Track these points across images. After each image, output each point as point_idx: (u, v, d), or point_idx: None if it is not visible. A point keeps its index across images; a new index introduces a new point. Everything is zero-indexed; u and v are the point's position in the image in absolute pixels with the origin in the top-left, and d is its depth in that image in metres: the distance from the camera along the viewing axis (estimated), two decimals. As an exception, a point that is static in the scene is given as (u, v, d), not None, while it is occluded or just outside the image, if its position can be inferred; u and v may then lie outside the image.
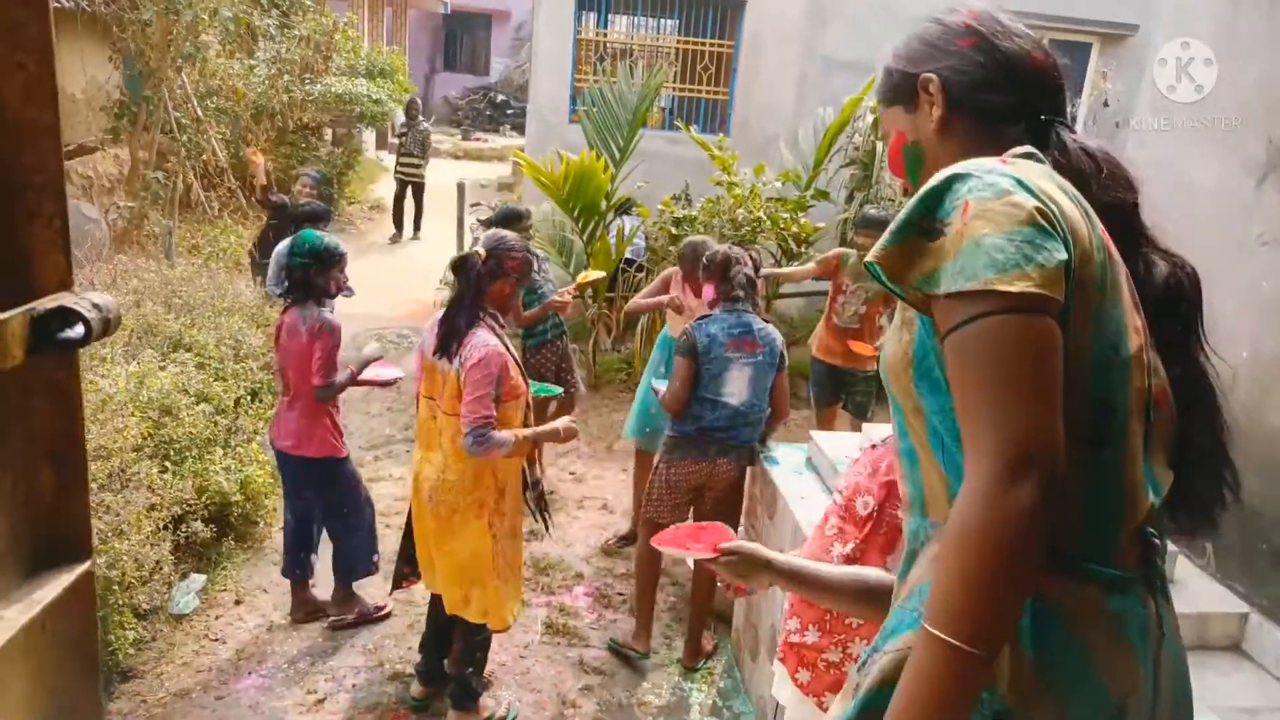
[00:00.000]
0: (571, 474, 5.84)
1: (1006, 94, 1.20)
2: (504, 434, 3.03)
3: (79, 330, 0.69)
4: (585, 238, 6.81)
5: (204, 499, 4.11)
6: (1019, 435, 0.89)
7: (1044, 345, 0.92)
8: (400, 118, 12.74)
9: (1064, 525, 0.95)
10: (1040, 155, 1.13)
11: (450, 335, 3.04)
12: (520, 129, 21.11)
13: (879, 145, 7.08)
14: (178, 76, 9.49)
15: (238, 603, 4.17)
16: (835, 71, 8.96)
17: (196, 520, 4.04)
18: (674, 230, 6.81)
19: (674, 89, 9.46)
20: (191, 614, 3.99)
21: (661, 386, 3.93)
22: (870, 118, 7.12)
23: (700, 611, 3.97)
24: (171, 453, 4.00)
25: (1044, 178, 1.02)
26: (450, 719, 3.46)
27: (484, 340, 3.02)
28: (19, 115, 0.70)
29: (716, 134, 8.50)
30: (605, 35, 9.86)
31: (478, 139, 21.82)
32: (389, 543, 4.44)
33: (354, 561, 4.00)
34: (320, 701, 3.59)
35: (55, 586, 0.75)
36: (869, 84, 7.04)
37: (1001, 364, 0.92)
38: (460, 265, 3.08)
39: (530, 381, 3.36)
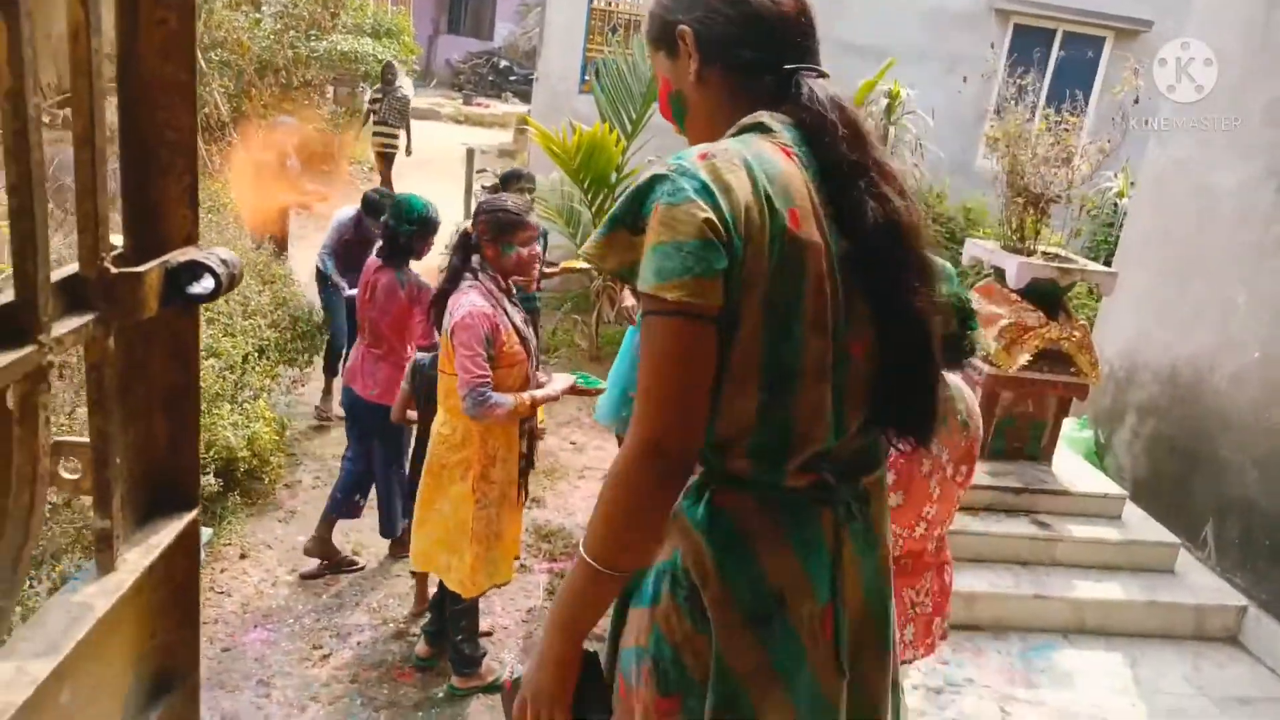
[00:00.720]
0: (572, 443, 5.87)
1: (753, 48, 1.24)
2: (504, 396, 2.96)
3: (209, 284, 0.71)
4: (594, 210, 6.80)
5: (211, 454, 4.12)
6: (654, 426, 1.11)
7: (690, 349, 1.10)
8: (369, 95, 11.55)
9: (739, 454, 1.20)
10: (770, 123, 1.21)
11: (437, 304, 3.07)
12: (523, 96, 20.96)
13: (892, 130, 7.07)
14: (183, 27, 9.38)
15: (243, 557, 4.20)
16: (848, 55, 8.91)
17: (204, 475, 4.05)
18: (683, 205, 6.79)
19: (686, 63, 9.41)
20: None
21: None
22: (884, 102, 7.11)
23: None
24: (181, 406, 4.00)
25: (737, 167, 1.12)
26: (454, 683, 3.51)
27: (470, 300, 2.96)
28: (157, 72, 0.71)
29: (727, 110, 8.45)
30: (618, 5, 9.78)
31: (479, 104, 21.64)
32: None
33: (394, 512, 4.10)
34: (326, 657, 3.63)
35: (169, 533, 0.78)
36: (884, 68, 7.02)
37: (653, 361, 1.12)
38: (461, 242, 3.11)
39: (577, 373, 3.33)
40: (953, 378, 1.95)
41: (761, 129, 1.21)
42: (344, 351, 5.21)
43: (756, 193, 1.11)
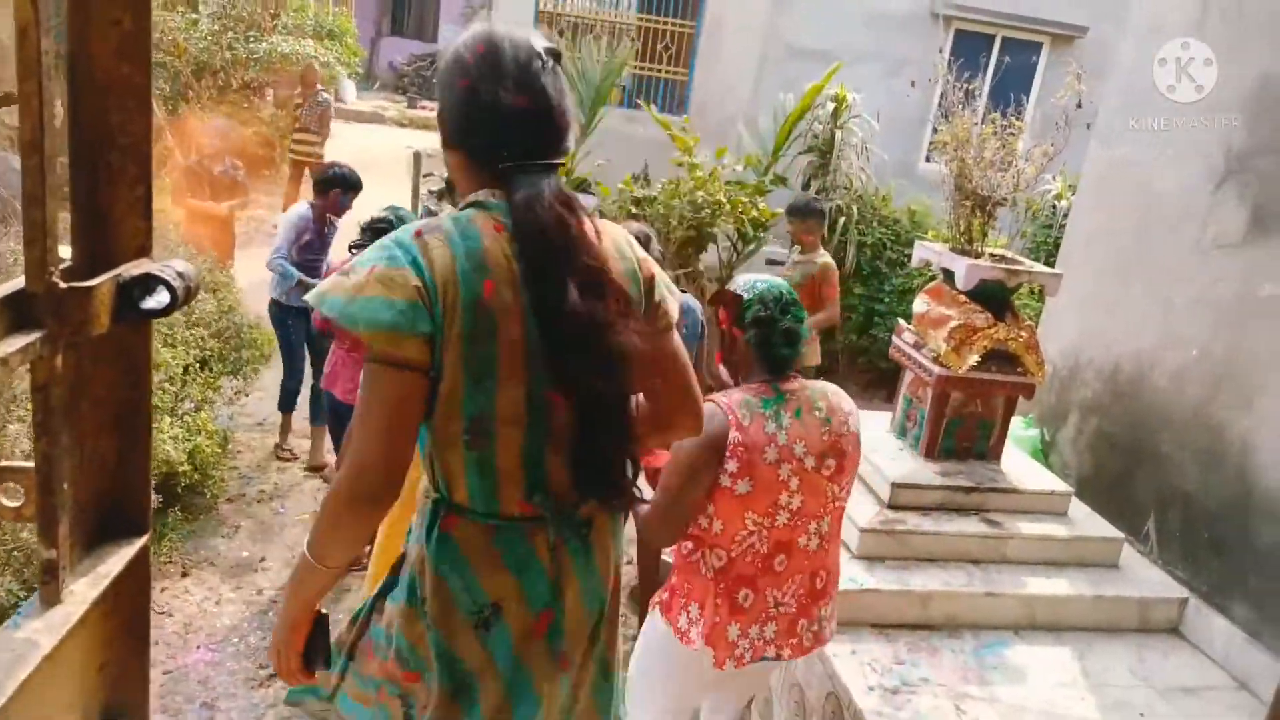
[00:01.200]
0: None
1: (481, 137, 1.42)
2: None
3: (164, 298, 0.68)
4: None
5: (151, 468, 3.99)
6: (362, 455, 1.30)
7: (395, 395, 1.31)
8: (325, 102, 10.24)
9: (460, 489, 1.43)
10: (489, 201, 1.40)
11: None
12: (469, 99, 20.70)
13: (838, 134, 7.16)
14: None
15: (184, 575, 4.08)
16: (795, 58, 9.01)
17: (145, 488, 3.92)
18: (633, 210, 6.79)
19: (634, 67, 9.41)
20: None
21: None
22: (830, 106, 7.19)
23: (647, 579, 3.77)
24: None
25: (443, 245, 1.33)
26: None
27: None
28: (111, 73, 0.67)
29: (676, 114, 8.49)
30: (564, 8, 9.74)
31: (424, 107, 21.39)
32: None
33: None
34: (272, 676, 3.53)
35: (119, 560, 0.74)
36: (831, 71, 7.11)
37: (366, 400, 1.32)
38: (373, 229, 2.96)
39: None
40: (819, 384, 2.18)
41: (480, 205, 1.40)
42: (296, 390, 5.01)
43: (455, 269, 1.31)
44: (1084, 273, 4.16)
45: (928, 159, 9.11)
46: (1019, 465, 3.41)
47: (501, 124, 1.39)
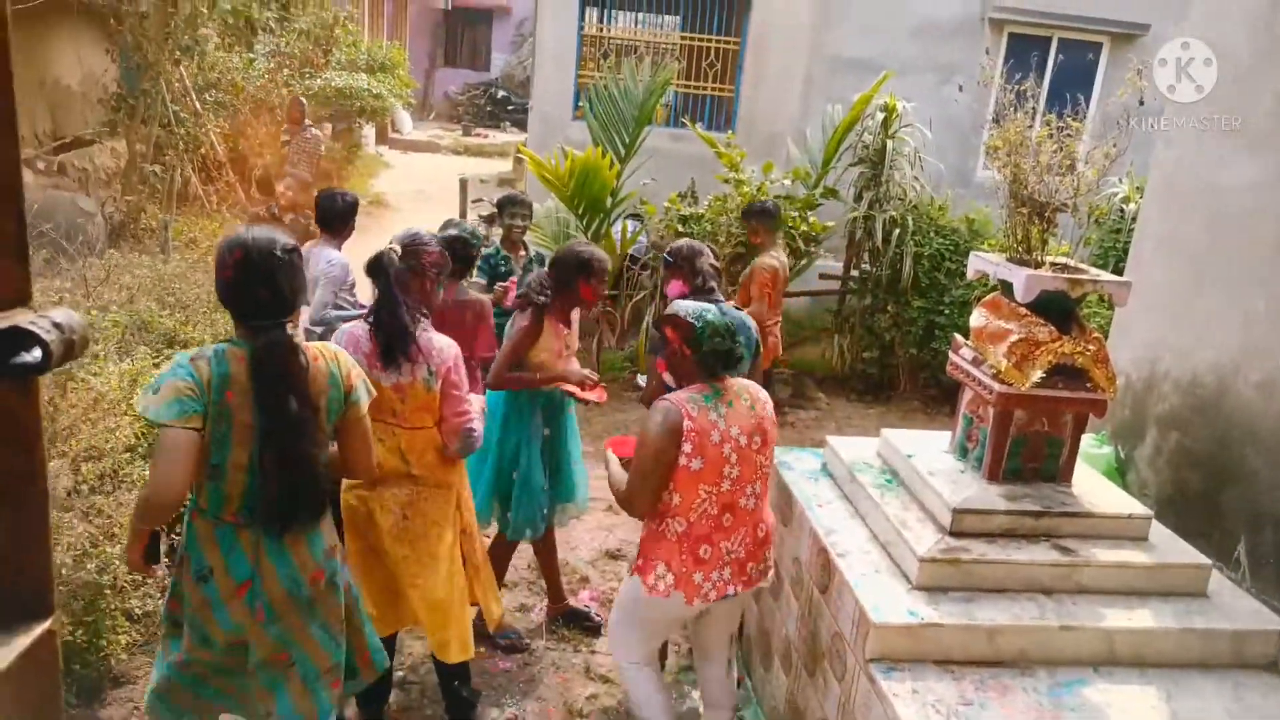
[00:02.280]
0: (575, 476, 5.71)
1: (240, 308, 2.34)
2: (479, 421, 3.02)
3: (36, 355, 0.57)
4: (589, 235, 6.69)
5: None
6: (155, 487, 2.22)
7: (180, 450, 2.17)
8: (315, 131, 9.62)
9: (205, 502, 2.33)
10: (239, 342, 2.32)
11: (398, 343, 2.83)
12: (520, 125, 20.97)
13: (889, 143, 6.96)
14: (176, 69, 9.34)
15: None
16: (842, 70, 8.84)
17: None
18: (680, 228, 6.68)
19: (678, 86, 9.33)
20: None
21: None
22: (880, 116, 7.00)
23: None
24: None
25: (206, 363, 2.25)
26: None
27: (444, 341, 2.94)
28: (-35, 89, 0.57)
29: (722, 131, 8.38)
30: (608, 31, 9.73)
31: (478, 134, 21.68)
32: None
33: None
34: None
35: (7, 654, 0.63)
36: (879, 81, 6.92)
37: (159, 454, 2.21)
38: (376, 266, 2.88)
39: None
40: (740, 380, 2.90)
41: (236, 343, 2.31)
42: None
43: (211, 379, 2.22)
44: (1155, 278, 3.91)
45: (985, 166, 8.83)
46: (1092, 486, 3.18)
47: (251, 303, 2.29)
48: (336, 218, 4.58)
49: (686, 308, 2.84)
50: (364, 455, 2.56)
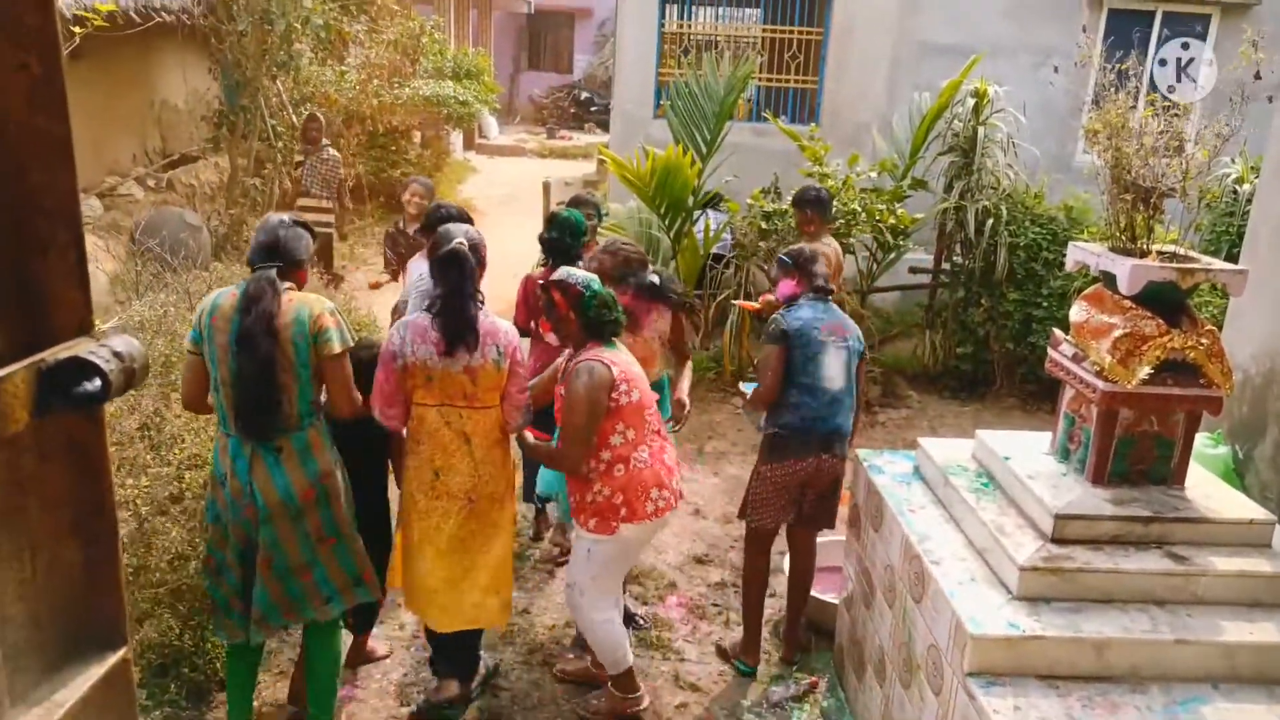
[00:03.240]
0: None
1: (250, 256, 3.06)
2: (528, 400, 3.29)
3: (95, 384, 0.57)
4: (672, 234, 6.65)
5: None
6: (184, 398, 3.15)
7: (192, 370, 3.01)
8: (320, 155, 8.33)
9: (219, 416, 2.98)
10: (238, 284, 3.00)
11: (466, 329, 3.04)
12: (604, 125, 21.05)
13: (980, 130, 6.72)
14: (273, 85, 9.70)
15: (331, 609, 4.15)
16: (930, 56, 8.58)
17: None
18: (764, 225, 6.59)
19: (760, 79, 9.21)
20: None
21: (748, 389, 3.80)
22: (970, 102, 6.76)
23: (796, 605, 3.91)
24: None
25: (207, 300, 3.00)
26: (454, 690, 3.45)
27: (505, 322, 3.23)
28: (24, 126, 0.57)
29: (806, 124, 8.23)
30: (689, 27, 9.66)
31: (562, 137, 21.88)
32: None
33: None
34: (413, 715, 3.53)
35: (83, 683, 0.63)
36: (969, 65, 6.69)
37: (185, 374, 3.11)
38: (451, 261, 3.06)
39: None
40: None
41: (239, 285, 2.95)
42: None
43: (203, 311, 2.92)
44: (1274, 264, 3.66)
45: (1085, 151, 8.45)
46: (1207, 489, 2.99)
47: (254, 253, 2.99)
48: (430, 221, 4.65)
49: (577, 276, 3.23)
50: (339, 393, 3.01)
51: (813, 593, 3.97)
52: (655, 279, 3.89)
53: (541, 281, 3.45)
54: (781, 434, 3.65)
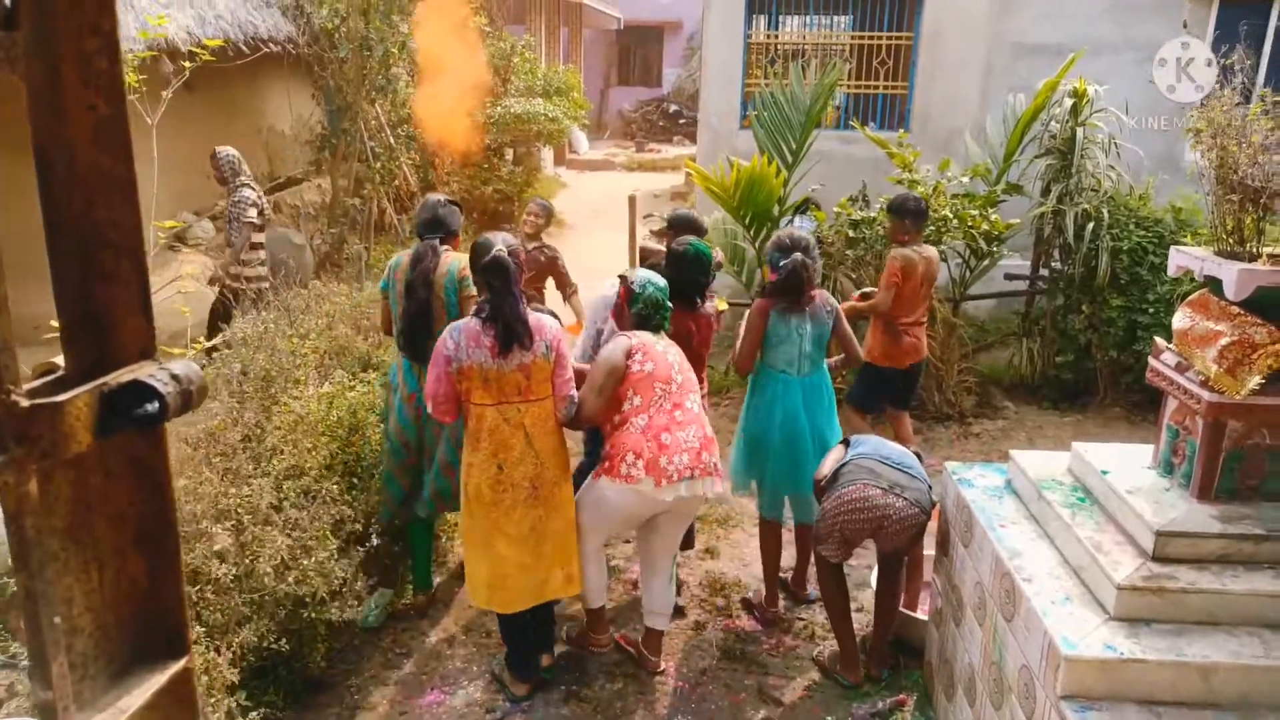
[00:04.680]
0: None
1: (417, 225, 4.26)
2: (576, 393, 3.50)
3: (154, 406, 0.61)
4: (757, 245, 6.62)
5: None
6: (382, 322, 4.52)
7: (384, 307, 4.24)
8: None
9: (395, 339, 4.19)
10: (415, 247, 4.06)
11: (518, 329, 3.26)
12: (692, 137, 21.10)
13: (1079, 131, 6.47)
14: (371, 108, 10.06)
15: (422, 616, 4.27)
16: (1025, 57, 8.33)
17: (380, 538, 4.16)
18: (851, 233, 6.49)
19: (849, 86, 9.09)
20: (380, 627, 4.12)
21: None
22: (1068, 102, 6.52)
23: (884, 621, 3.83)
24: (360, 470, 4.14)
25: (395, 260, 4.08)
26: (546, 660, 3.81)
27: (548, 317, 3.52)
28: (90, 165, 0.62)
29: (895, 130, 8.09)
30: (776, 37, 9.62)
31: (651, 150, 22.03)
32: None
33: None
34: (497, 720, 3.59)
35: (146, 690, 0.67)
36: (1067, 64, 6.46)
37: (381, 311, 4.53)
38: (497, 268, 3.26)
39: None
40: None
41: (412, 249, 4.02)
42: None
43: (391, 267, 4.01)
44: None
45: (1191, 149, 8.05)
46: (1327, 506, 2.80)
47: (418, 227, 4.01)
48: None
49: (638, 274, 3.70)
50: (467, 310, 3.69)
51: (901, 609, 3.88)
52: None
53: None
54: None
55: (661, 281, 3.68)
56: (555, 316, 3.72)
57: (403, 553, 4.42)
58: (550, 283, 5.96)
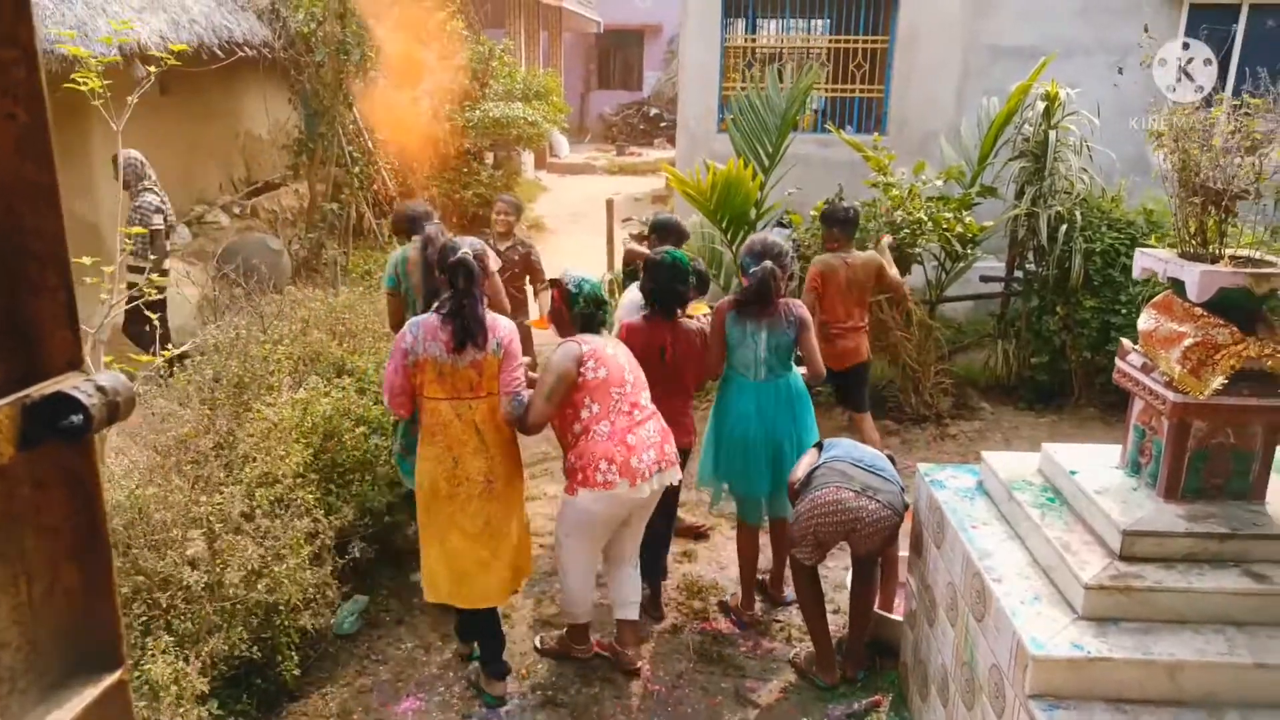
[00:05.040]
0: (726, 493, 5.65)
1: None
2: (527, 392, 3.50)
3: (78, 418, 0.60)
4: (734, 248, 6.63)
5: (366, 520, 4.20)
6: (390, 324, 4.78)
7: (390, 307, 4.62)
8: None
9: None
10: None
11: (476, 328, 3.32)
12: (673, 141, 21.11)
13: (1051, 134, 6.53)
14: (349, 112, 10.02)
15: (399, 623, 4.25)
16: (1001, 59, 8.40)
17: (360, 542, 4.14)
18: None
19: (826, 90, 9.14)
20: (355, 634, 4.09)
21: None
22: (1041, 105, 6.58)
23: (860, 622, 3.84)
24: (335, 476, 4.11)
25: (399, 252, 4.52)
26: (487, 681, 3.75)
27: (508, 323, 3.51)
28: (12, 173, 0.61)
29: (872, 134, 8.13)
30: (754, 41, 9.66)
31: (632, 153, 22.04)
32: (542, 564, 4.44)
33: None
34: (473, 728, 3.58)
35: (78, 704, 0.67)
36: (1038, 68, 6.52)
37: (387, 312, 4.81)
38: (460, 268, 3.32)
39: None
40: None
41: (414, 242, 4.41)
42: None
43: (398, 259, 4.40)
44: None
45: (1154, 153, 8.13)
46: (1291, 504, 2.84)
47: (406, 224, 4.51)
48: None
49: (569, 274, 3.72)
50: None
51: (877, 609, 3.90)
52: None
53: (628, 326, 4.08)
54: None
55: (595, 278, 3.74)
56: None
57: (378, 559, 4.40)
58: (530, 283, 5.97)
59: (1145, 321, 2.94)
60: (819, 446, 3.84)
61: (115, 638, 0.71)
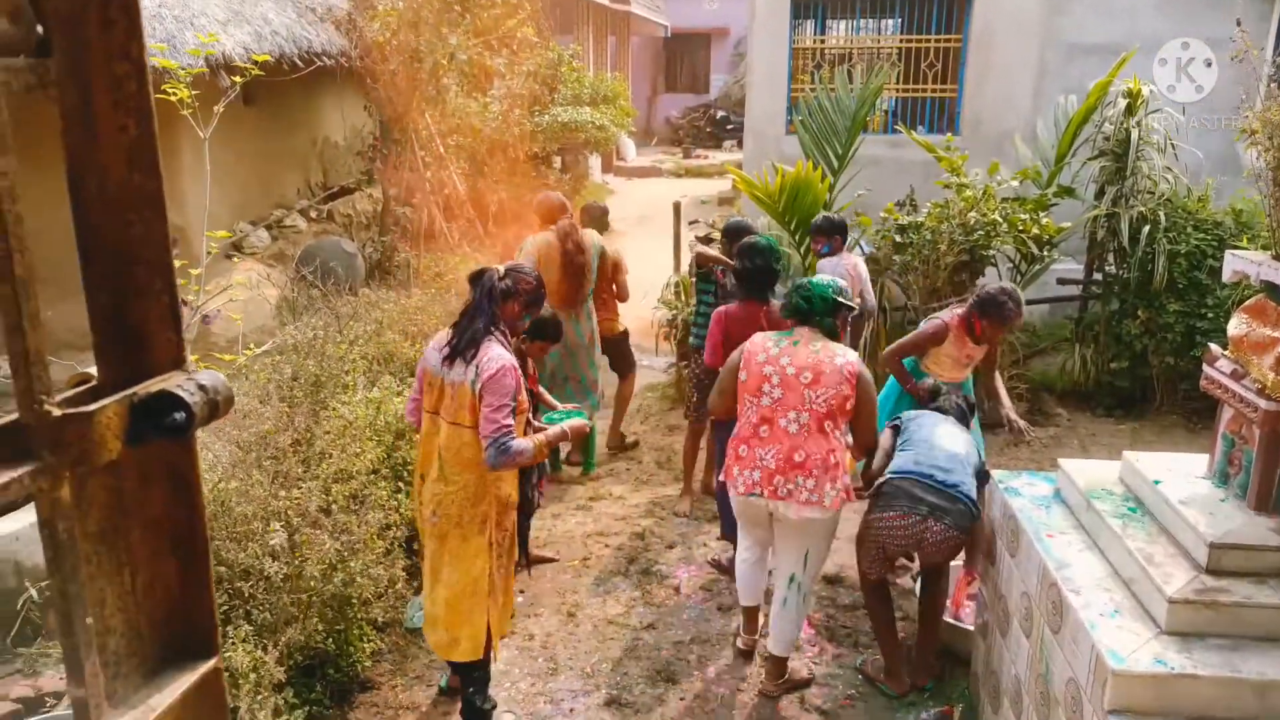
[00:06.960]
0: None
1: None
2: (523, 441, 3.12)
3: (181, 416, 0.63)
4: (802, 250, 6.58)
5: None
6: None
7: None
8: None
9: None
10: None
11: (466, 343, 3.12)
12: (740, 143, 21.05)
13: (1134, 132, 6.33)
14: (422, 118, 10.23)
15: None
16: (1078, 57, 8.16)
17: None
18: (898, 238, 6.42)
19: (897, 90, 9.00)
20: (423, 628, 4.17)
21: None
22: (1123, 103, 6.38)
23: (929, 630, 3.77)
24: (405, 474, 4.20)
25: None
26: None
27: (499, 353, 3.12)
28: (124, 185, 0.65)
29: (944, 134, 7.98)
30: (823, 42, 9.56)
31: (699, 156, 22.02)
32: (608, 563, 4.47)
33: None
34: (539, 724, 3.61)
35: (176, 689, 0.70)
36: (1119, 63, 6.33)
37: None
38: (476, 277, 3.20)
39: (579, 413, 3.87)
40: (823, 337, 3.57)
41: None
42: None
43: (541, 244, 5.38)
44: None
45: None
46: (1394, 519, 2.69)
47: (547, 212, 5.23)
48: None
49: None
50: (619, 289, 4.97)
51: (947, 618, 3.83)
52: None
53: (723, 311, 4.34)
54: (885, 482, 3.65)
55: (834, 284, 3.62)
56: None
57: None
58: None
59: (1236, 326, 2.83)
60: (895, 429, 3.77)
61: (211, 628, 0.74)
